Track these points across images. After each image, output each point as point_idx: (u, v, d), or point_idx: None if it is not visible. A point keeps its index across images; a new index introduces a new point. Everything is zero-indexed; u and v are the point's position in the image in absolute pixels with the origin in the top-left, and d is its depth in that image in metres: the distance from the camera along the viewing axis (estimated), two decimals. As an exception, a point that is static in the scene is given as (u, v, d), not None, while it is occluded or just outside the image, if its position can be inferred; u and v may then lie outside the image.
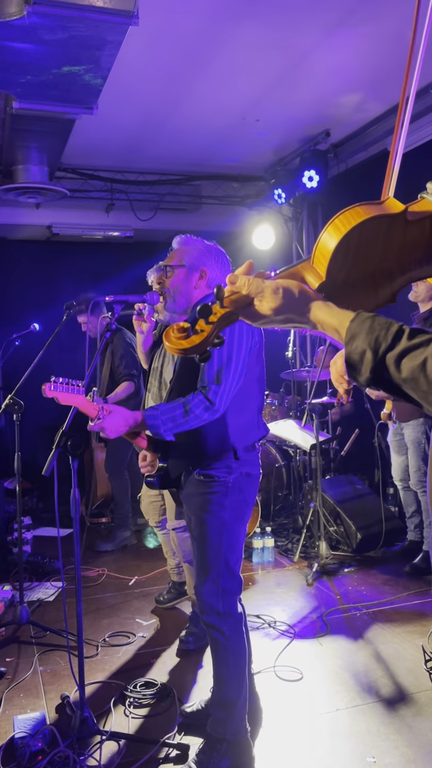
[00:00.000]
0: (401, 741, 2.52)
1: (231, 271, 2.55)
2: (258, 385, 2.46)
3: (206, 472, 2.34)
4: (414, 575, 4.27)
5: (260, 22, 3.78)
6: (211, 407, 2.22)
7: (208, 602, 2.33)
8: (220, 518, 2.31)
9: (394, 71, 4.46)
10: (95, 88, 3.94)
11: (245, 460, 2.37)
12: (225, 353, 2.26)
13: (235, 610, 2.36)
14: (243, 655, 2.36)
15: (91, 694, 2.91)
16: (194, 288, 2.49)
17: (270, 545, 4.79)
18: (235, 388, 2.28)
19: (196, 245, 2.54)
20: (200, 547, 2.36)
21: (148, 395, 3.38)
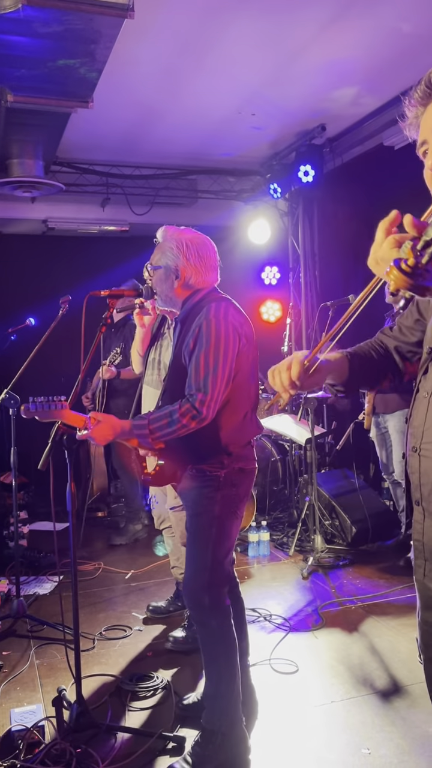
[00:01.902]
0: (396, 733, 2.54)
1: (214, 262, 2.46)
2: (252, 384, 2.45)
3: (198, 467, 2.35)
4: (408, 568, 4.28)
5: (255, 16, 3.77)
6: (197, 416, 2.22)
7: (195, 595, 2.34)
8: (211, 512, 2.32)
9: (390, 65, 4.46)
10: (90, 82, 3.92)
11: (238, 455, 2.38)
12: (212, 361, 2.25)
13: (222, 603, 2.36)
14: (233, 648, 2.36)
15: (88, 687, 2.92)
16: (174, 288, 2.44)
17: (265, 539, 4.81)
18: (222, 395, 2.28)
19: (172, 243, 2.43)
20: (191, 540, 2.38)
21: (145, 385, 3.38)
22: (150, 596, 3.98)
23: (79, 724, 2.42)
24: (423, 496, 1.40)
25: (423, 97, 1.33)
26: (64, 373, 5.35)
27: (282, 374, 1.48)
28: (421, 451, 1.40)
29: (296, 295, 7.02)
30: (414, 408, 1.46)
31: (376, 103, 5.17)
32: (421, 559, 1.43)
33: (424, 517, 1.41)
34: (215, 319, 2.29)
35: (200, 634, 2.39)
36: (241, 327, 2.35)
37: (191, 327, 2.34)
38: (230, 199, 7.09)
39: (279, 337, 6.10)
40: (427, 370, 1.42)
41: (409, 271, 1.01)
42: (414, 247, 1.01)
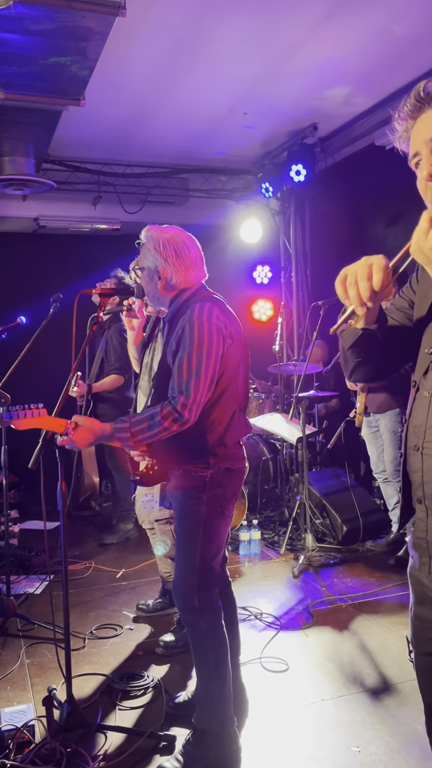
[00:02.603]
0: (385, 731, 2.55)
1: (195, 259, 2.43)
2: (239, 384, 2.43)
3: (184, 467, 2.35)
4: (399, 567, 4.31)
5: (247, 15, 3.77)
6: (179, 419, 2.20)
7: (184, 596, 2.34)
8: (197, 512, 2.32)
9: (382, 66, 4.47)
10: (82, 80, 3.91)
11: (225, 455, 2.36)
12: (194, 363, 2.22)
13: (213, 604, 2.35)
14: (223, 649, 2.36)
15: (79, 686, 2.92)
16: (159, 288, 2.43)
17: (257, 538, 4.81)
18: (205, 398, 2.26)
19: (151, 244, 2.41)
20: (179, 541, 2.38)
21: (139, 392, 3.37)
22: (141, 595, 3.98)
23: (70, 724, 2.42)
24: (426, 495, 1.39)
25: (413, 110, 1.35)
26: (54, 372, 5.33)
27: (361, 283, 1.24)
28: (423, 450, 1.39)
29: (288, 295, 7.03)
30: (414, 407, 1.44)
31: (367, 103, 5.18)
32: (426, 557, 1.43)
33: (427, 515, 1.40)
34: (198, 321, 2.26)
35: (191, 634, 2.39)
36: (225, 328, 2.32)
37: (176, 327, 2.34)
38: (222, 198, 7.09)
39: (270, 336, 6.10)
40: (427, 369, 1.40)
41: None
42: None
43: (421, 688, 1.52)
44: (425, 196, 1.36)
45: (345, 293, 1.27)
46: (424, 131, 1.33)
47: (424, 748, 2.42)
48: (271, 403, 6.07)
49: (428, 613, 1.44)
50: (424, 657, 1.49)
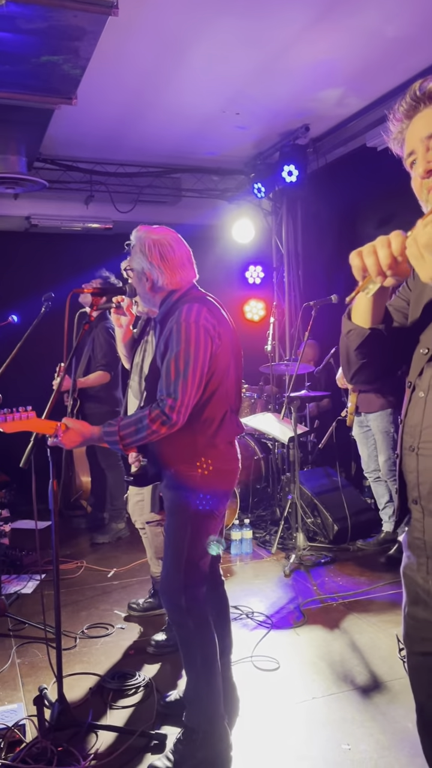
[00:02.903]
0: (376, 728, 2.57)
1: (182, 260, 2.40)
2: (231, 385, 2.43)
3: (175, 467, 2.35)
4: (389, 566, 4.33)
5: (240, 15, 3.77)
6: (167, 422, 2.20)
7: (171, 596, 2.34)
8: (186, 512, 2.32)
9: (374, 67, 4.49)
10: (74, 79, 3.90)
11: (215, 456, 2.36)
12: (182, 365, 2.22)
13: (199, 604, 2.35)
14: (211, 648, 2.36)
15: (70, 685, 2.91)
16: (148, 290, 2.43)
17: (248, 537, 4.82)
18: (194, 400, 2.26)
19: (137, 246, 2.41)
20: (167, 540, 2.39)
21: (129, 392, 3.37)
22: (132, 594, 3.98)
23: (61, 723, 2.42)
24: (422, 495, 1.39)
25: (408, 110, 1.35)
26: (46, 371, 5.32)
27: (381, 251, 1.19)
28: (419, 450, 1.38)
29: (280, 295, 7.05)
30: (409, 408, 1.43)
31: (359, 105, 5.20)
32: (423, 557, 1.42)
33: (423, 516, 1.39)
34: (185, 322, 2.25)
35: (178, 634, 2.39)
36: (214, 328, 2.30)
37: (165, 328, 2.34)
38: (214, 198, 7.10)
39: (262, 336, 6.12)
40: (422, 370, 1.40)
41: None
42: None
43: (413, 688, 1.52)
44: (420, 196, 1.35)
45: (361, 262, 1.22)
46: (420, 129, 1.33)
47: (414, 745, 2.43)
48: (263, 403, 6.08)
49: (421, 612, 1.45)
50: (416, 657, 1.49)
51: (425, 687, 1.49)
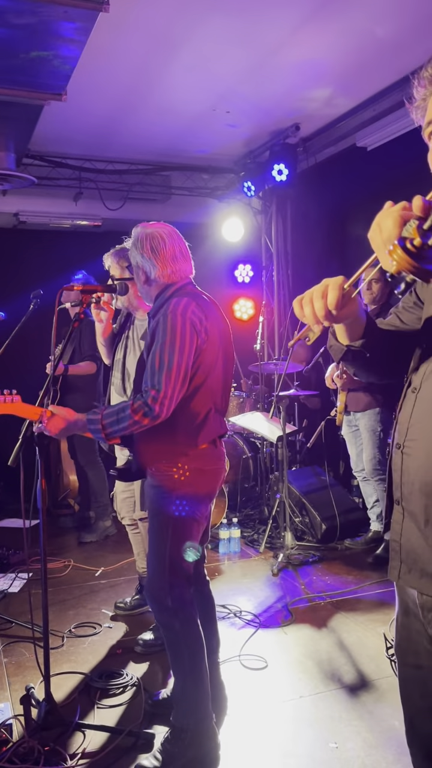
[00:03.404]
0: (363, 726, 2.58)
1: (174, 253, 2.40)
2: (217, 382, 2.41)
3: (157, 465, 2.35)
4: (377, 565, 4.35)
5: (231, 14, 3.77)
6: (150, 413, 2.19)
7: (156, 597, 2.34)
8: (167, 512, 2.31)
9: (363, 68, 4.50)
10: (64, 75, 3.88)
11: (196, 455, 2.35)
12: (166, 357, 2.21)
13: (185, 604, 2.34)
14: (198, 648, 2.36)
15: (57, 685, 2.90)
16: (143, 283, 2.45)
17: (236, 536, 4.82)
18: (179, 393, 2.24)
19: (132, 240, 2.43)
20: (151, 539, 2.38)
21: (112, 388, 3.36)
22: (120, 593, 3.97)
23: (48, 722, 2.41)
24: (403, 495, 1.34)
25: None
26: (34, 369, 5.29)
27: (316, 302, 1.26)
28: (404, 449, 1.34)
29: (269, 294, 7.06)
30: (403, 403, 1.39)
31: (349, 105, 5.21)
32: (396, 560, 1.37)
33: (403, 517, 1.34)
34: (172, 314, 2.25)
35: (165, 634, 2.38)
36: (200, 323, 2.29)
37: (154, 321, 2.35)
38: (204, 196, 7.09)
39: (251, 334, 6.12)
40: (419, 365, 1.36)
41: (414, 252, 0.89)
42: (420, 226, 0.91)
43: (403, 700, 1.48)
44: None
45: (301, 311, 1.29)
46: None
47: (401, 744, 2.44)
48: (252, 402, 6.09)
49: (413, 623, 1.41)
50: (408, 669, 1.46)
51: (416, 700, 1.44)
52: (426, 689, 1.38)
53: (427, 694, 1.38)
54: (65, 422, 2.28)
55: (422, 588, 1.32)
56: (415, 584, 1.33)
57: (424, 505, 1.28)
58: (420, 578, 1.31)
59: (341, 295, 1.24)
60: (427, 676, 1.38)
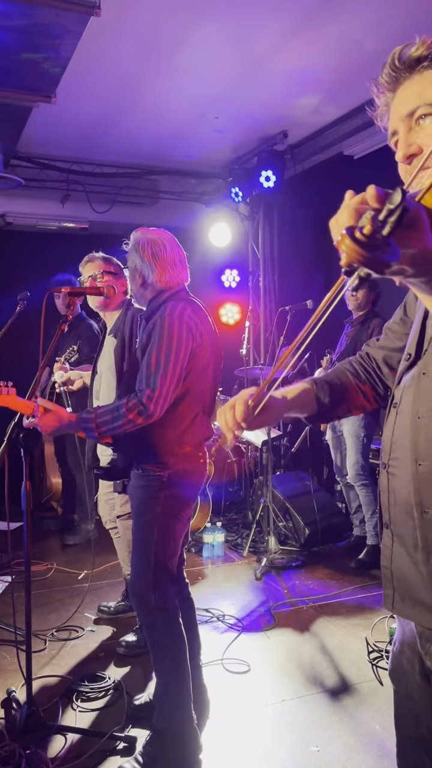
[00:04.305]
0: (344, 730, 2.59)
1: (173, 260, 2.45)
2: (206, 385, 2.45)
3: (143, 465, 2.36)
4: (359, 570, 4.38)
5: (221, 21, 3.79)
6: (144, 412, 2.23)
7: (140, 596, 2.35)
8: (153, 512, 2.33)
9: (352, 77, 4.54)
10: (54, 77, 3.88)
11: (184, 456, 2.37)
12: (162, 357, 2.26)
13: (169, 604, 2.36)
14: (181, 648, 2.37)
15: (39, 688, 2.89)
16: (140, 286, 2.48)
17: (220, 540, 4.83)
18: (172, 393, 2.29)
19: (133, 244, 2.48)
20: (135, 540, 2.39)
21: (93, 395, 3.36)
22: (103, 597, 3.96)
23: (29, 726, 2.40)
24: (391, 518, 1.27)
25: (390, 82, 1.22)
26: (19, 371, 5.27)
27: (226, 414, 1.37)
28: (389, 468, 1.28)
29: (255, 299, 7.09)
30: (386, 420, 1.34)
31: (337, 113, 5.26)
32: (389, 588, 1.29)
33: (392, 542, 1.28)
34: (169, 317, 2.31)
35: (148, 635, 2.39)
36: (196, 327, 2.36)
37: (150, 323, 2.37)
38: (191, 201, 7.10)
39: (237, 339, 6.14)
40: (401, 378, 1.30)
41: (364, 240, 0.81)
42: (375, 217, 0.82)
43: (396, 724, 1.44)
44: (404, 179, 1.20)
45: (219, 421, 1.41)
46: (401, 106, 1.18)
47: (382, 747, 2.47)
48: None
49: (405, 652, 1.37)
50: (400, 697, 1.42)
51: (407, 730, 1.40)
52: (417, 720, 1.36)
53: (418, 726, 1.36)
54: (58, 422, 2.29)
55: (416, 618, 1.25)
56: (409, 614, 1.27)
57: (411, 528, 1.22)
58: (413, 607, 1.25)
59: (247, 409, 1.34)
60: (417, 707, 1.35)
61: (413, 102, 1.15)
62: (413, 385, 1.24)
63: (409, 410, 1.23)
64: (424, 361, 1.23)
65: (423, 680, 1.31)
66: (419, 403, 1.21)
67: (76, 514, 5.21)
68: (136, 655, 3.20)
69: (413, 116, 1.15)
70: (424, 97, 1.14)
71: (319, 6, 3.67)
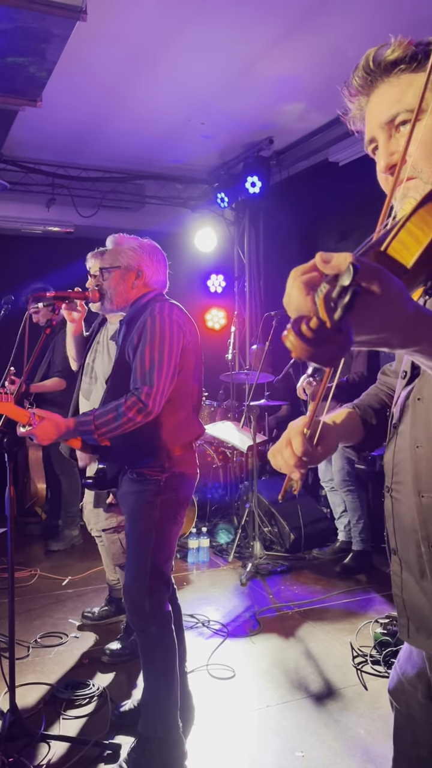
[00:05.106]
0: (329, 735, 2.59)
1: (165, 268, 2.58)
2: (194, 384, 2.49)
3: (139, 470, 2.35)
4: (344, 575, 4.38)
5: (207, 28, 3.82)
6: (144, 409, 2.24)
7: (135, 601, 2.33)
8: (151, 517, 2.33)
9: (336, 84, 4.57)
10: (40, 81, 3.88)
11: (179, 459, 2.39)
12: (156, 354, 2.28)
13: (163, 609, 2.36)
14: (172, 654, 2.36)
15: (22, 696, 2.86)
16: (131, 288, 2.51)
17: (205, 545, 4.82)
18: (168, 389, 2.31)
19: (130, 244, 2.53)
20: (130, 545, 2.38)
21: (80, 393, 3.33)
22: (87, 603, 3.93)
23: (12, 734, 2.37)
24: (399, 545, 1.21)
25: (364, 86, 1.14)
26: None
27: (284, 452, 1.21)
28: (392, 492, 1.22)
29: (241, 304, 7.10)
30: (387, 441, 1.26)
31: (322, 120, 5.30)
32: (403, 617, 1.23)
33: (401, 569, 1.21)
34: (159, 315, 2.34)
35: (140, 639, 2.38)
36: (185, 325, 2.41)
37: (137, 325, 2.37)
38: (177, 206, 7.12)
39: (224, 344, 6.15)
40: (398, 397, 1.25)
41: (310, 336, 0.68)
42: (328, 295, 0.70)
43: (394, 738, 1.42)
44: (385, 189, 1.14)
45: (277, 464, 1.25)
46: (379, 112, 1.10)
47: (366, 752, 2.48)
48: (223, 411, 6.10)
49: (409, 671, 1.35)
50: (400, 714, 1.40)
51: (404, 747, 1.39)
52: (415, 739, 1.35)
53: (417, 745, 1.34)
54: (55, 427, 2.25)
55: (430, 649, 1.21)
56: (423, 644, 1.22)
57: (418, 556, 1.16)
58: (428, 638, 1.19)
59: (305, 441, 1.19)
60: (417, 727, 1.34)
61: (392, 108, 1.07)
62: (410, 409, 1.18)
63: (408, 434, 1.18)
64: (418, 386, 1.16)
65: (428, 701, 1.30)
66: (416, 430, 1.16)
67: (61, 519, 5.18)
68: (121, 663, 3.18)
69: (393, 123, 1.08)
70: (404, 102, 1.06)
71: (305, 15, 3.70)
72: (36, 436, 2.25)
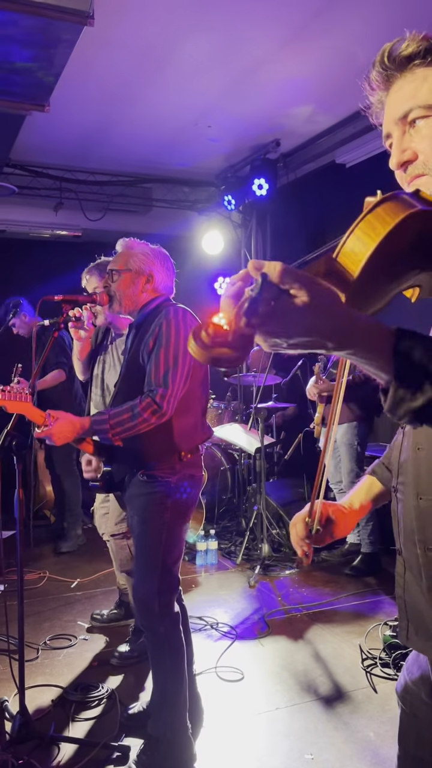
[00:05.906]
0: (338, 738, 2.59)
1: (173, 274, 2.61)
2: (202, 387, 2.51)
3: (149, 472, 2.36)
4: (353, 577, 4.38)
5: (214, 31, 3.82)
6: (158, 411, 2.26)
7: (145, 601, 2.34)
8: (161, 518, 2.34)
9: (344, 86, 4.58)
10: (47, 86, 3.90)
11: (189, 462, 2.41)
12: (171, 357, 2.31)
13: (172, 610, 2.37)
14: (181, 655, 2.37)
15: (31, 698, 2.87)
16: (141, 292, 2.51)
17: (213, 548, 4.82)
18: (181, 391, 2.34)
19: (142, 249, 2.55)
20: (139, 546, 2.39)
21: (91, 404, 3.35)
22: (96, 605, 3.94)
23: (22, 736, 2.38)
24: (402, 545, 1.22)
25: (381, 81, 1.14)
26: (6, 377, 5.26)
27: (292, 531, 1.36)
28: (397, 492, 1.23)
29: (248, 306, 7.09)
30: (394, 442, 1.29)
31: (329, 122, 5.29)
32: (404, 620, 1.24)
33: (405, 570, 1.22)
34: (174, 319, 2.37)
35: (149, 640, 2.39)
36: None
37: (149, 329, 2.39)
38: (184, 209, 7.13)
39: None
40: None
41: (206, 342, 0.71)
42: (243, 302, 0.72)
43: (399, 737, 1.44)
44: (402, 186, 1.13)
45: (291, 538, 1.37)
46: (395, 108, 1.10)
47: (376, 754, 2.47)
48: (230, 414, 6.10)
49: (414, 672, 1.37)
50: (406, 713, 1.41)
51: (410, 747, 1.40)
52: (420, 738, 1.35)
53: (421, 744, 1.35)
54: (71, 426, 2.27)
55: (429, 653, 1.22)
56: (422, 647, 1.23)
57: (416, 556, 1.18)
58: (426, 641, 1.20)
59: (306, 528, 1.29)
60: (422, 726, 1.35)
61: (406, 104, 1.06)
62: None
63: (411, 435, 1.20)
64: None
65: (431, 701, 1.30)
66: (418, 432, 1.18)
67: (66, 521, 5.19)
68: (130, 665, 3.19)
69: (407, 119, 1.07)
70: (417, 98, 1.05)
71: (312, 17, 3.70)
72: (52, 436, 2.25)
